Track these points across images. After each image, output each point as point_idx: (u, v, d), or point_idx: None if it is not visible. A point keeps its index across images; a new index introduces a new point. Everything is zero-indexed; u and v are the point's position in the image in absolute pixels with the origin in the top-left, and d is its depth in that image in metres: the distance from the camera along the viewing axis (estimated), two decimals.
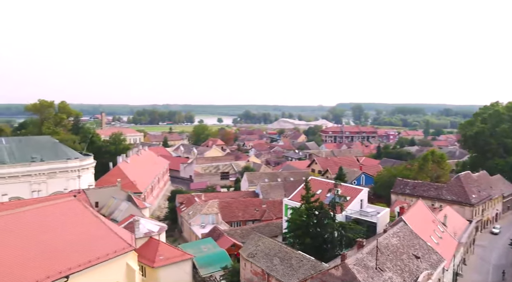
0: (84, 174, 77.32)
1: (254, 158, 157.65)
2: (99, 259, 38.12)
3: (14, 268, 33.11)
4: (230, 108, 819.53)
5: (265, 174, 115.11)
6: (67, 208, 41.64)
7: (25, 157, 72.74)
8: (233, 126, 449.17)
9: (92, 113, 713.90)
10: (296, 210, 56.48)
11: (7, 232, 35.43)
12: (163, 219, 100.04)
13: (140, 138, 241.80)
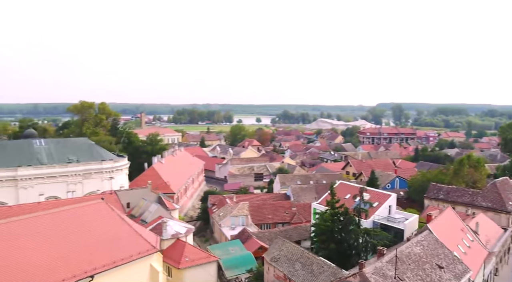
0: (118, 175, 79.86)
1: (289, 159, 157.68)
2: (123, 260, 39.63)
3: (42, 267, 34.99)
4: (269, 108, 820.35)
5: (297, 176, 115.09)
6: (94, 210, 43.42)
7: (62, 158, 75.93)
8: (271, 126, 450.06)
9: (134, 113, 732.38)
10: (321, 215, 56.52)
11: (35, 233, 37.40)
12: (196, 219, 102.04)
13: (178, 138, 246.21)
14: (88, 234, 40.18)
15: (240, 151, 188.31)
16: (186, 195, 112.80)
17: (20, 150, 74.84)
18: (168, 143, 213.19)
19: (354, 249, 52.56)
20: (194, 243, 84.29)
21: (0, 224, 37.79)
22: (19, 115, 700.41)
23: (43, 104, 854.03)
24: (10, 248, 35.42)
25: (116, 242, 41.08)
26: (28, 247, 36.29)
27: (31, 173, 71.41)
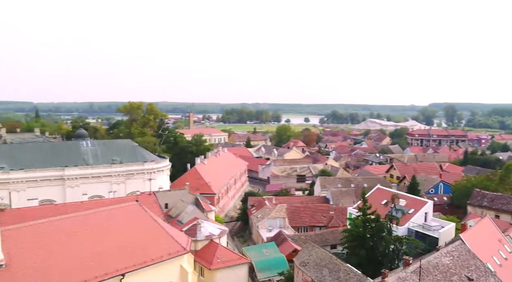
0: (159, 176, 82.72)
1: (332, 161, 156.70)
2: (153, 260, 41.52)
3: (76, 264, 37.36)
4: (318, 107, 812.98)
5: (338, 178, 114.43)
6: (128, 211, 45.69)
7: (107, 159, 79.62)
8: (319, 126, 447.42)
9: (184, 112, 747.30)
10: (353, 221, 56.46)
11: (72, 233, 39.95)
12: (235, 220, 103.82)
13: (224, 138, 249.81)
14: (121, 235, 42.36)
15: (284, 152, 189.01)
16: (227, 196, 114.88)
17: (69, 151, 79.21)
18: (214, 143, 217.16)
19: (384, 256, 52.16)
20: (233, 243, 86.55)
21: (43, 223, 40.73)
22: (75, 113, 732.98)
23: (98, 103, 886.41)
24: (49, 244, 38.08)
25: (147, 242, 43.01)
26: (65, 245, 38.84)
27: (77, 172, 75.51)
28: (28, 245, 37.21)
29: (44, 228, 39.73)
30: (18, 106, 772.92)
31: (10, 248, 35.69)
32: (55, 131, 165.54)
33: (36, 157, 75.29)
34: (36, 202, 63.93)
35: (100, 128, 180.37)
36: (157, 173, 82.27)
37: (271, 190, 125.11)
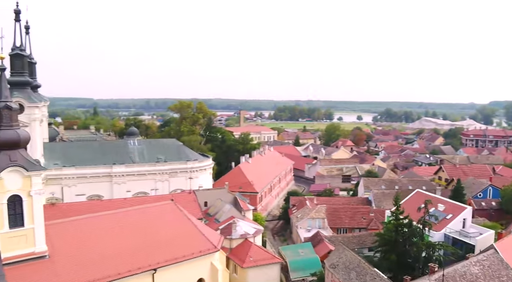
0: (201, 174, 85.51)
1: (379, 161, 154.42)
2: (184, 257, 43.93)
3: (112, 257, 40.38)
4: (372, 105, 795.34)
5: (383, 180, 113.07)
6: (164, 210, 48.33)
7: (152, 157, 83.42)
8: (371, 125, 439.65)
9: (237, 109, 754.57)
10: (386, 225, 56.45)
11: (110, 229, 43.01)
12: (277, 218, 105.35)
13: (274, 136, 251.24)
14: (155, 232, 45.00)
15: (332, 151, 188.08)
16: (270, 194, 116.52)
17: (117, 149, 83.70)
18: (262, 141, 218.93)
19: (416, 262, 51.89)
20: (273, 242, 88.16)
21: (84, 219, 44.17)
22: (132, 109, 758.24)
23: (154, 100, 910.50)
24: (89, 239, 41.30)
25: (180, 240, 45.43)
26: (103, 239, 41.95)
27: (123, 170, 79.73)
28: (70, 239, 40.53)
29: (85, 223, 43.04)
30: (79, 102, 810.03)
31: (54, 241, 39.03)
32: (109, 128, 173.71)
33: (87, 155, 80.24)
34: (84, 197, 68.39)
35: (152, 125, 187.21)
36: (200, 171, 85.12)
37: (315, 189, 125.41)
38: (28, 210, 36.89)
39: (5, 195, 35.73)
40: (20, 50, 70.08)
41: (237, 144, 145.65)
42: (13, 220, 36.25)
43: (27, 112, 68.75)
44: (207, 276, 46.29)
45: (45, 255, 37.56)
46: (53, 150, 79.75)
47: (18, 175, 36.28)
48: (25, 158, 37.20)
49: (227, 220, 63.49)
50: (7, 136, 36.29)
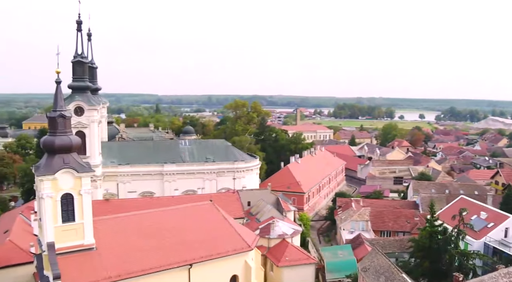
0: (248, 175, 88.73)
1: (434, 163, 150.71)
2: (219, 254, 47.02)
3: (152, 252, 44.11)
4: (437, 102, 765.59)
5: (433, 183, 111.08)
6: (202, 210, 51.74)
7: (201, 157, 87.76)
8: (434, 124, 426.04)
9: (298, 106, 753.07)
10: (421, 231, 56.86)
11: (151, 226, 46.93)
12: (323, 219, 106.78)
13: (329, 135, 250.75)
14: (193, 230, 48.49)
15: (387, 152, 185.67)
16: (319, 194, 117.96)
17: (169, 149, 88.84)
18: (316, 140, 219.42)
19: (448, 270, 52.04)
20: (316, 241, 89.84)
21: (129, 216, 48.57)
22: (194, 106, 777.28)
23: (216, 96, 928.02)
24: (132, 234, 45.37)
25: (215, 238, 48.61)
26: (145, 235, 45.82)
27: (174, 169, 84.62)
28: (115, 234, 44.79)
29: (129, 220, 47.34)
30: (144, 99, 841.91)
31: (101, 235, 43.36)
32: (167, 126, 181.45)
33: (141, 153, 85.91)
34: (135, 194, 73.61)
35: (208, 124, 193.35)
36: (246, 171, 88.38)
37: (365, 191, 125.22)
38: (78, 206, 41.38)
39: (58, 193, 40.34)
40: (81, 57, 76.48)
41: (290, 143, 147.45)
42: (65, 215, 40.81)
43: (86, 115, 75.05)
44: (240, 273, 49.16)
45: (92, 247, 41.88)
46: (111, 149, 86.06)
47: (70, 176, 40.80)
48: (77, 160, 41.69)
49: (267, 220, 66.13)
50: (61, 142, 40.93)
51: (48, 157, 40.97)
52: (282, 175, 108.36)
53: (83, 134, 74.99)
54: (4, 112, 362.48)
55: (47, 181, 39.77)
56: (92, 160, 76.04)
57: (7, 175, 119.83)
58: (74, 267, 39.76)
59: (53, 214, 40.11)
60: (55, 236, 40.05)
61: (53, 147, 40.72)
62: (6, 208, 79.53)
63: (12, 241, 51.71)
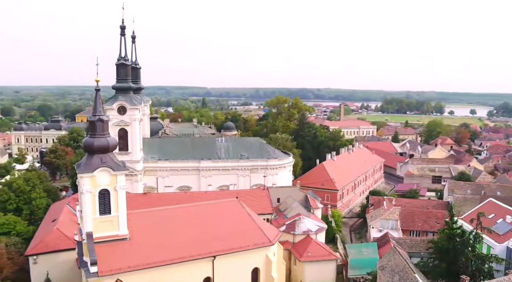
0: (280, 172, 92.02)
1: (476, 162, 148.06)
2: (241, 248, 50.91)
3: (180, 244, 48.54)
4: (491, 97, 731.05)
5: (469, 184, 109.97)
6: (228, 206, 55.76)
7: (236, 154, 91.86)
8: (485, 119, 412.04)
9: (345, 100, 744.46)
10: (440, 233, 58.35)
11: (181, 220, 51.48)
12: (356, 216, 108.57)
13: (373, 131, 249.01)
14: (218, 225, 52.59)
15: (429, 149, 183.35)
16: (354, 192, 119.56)
17: (206, 146, 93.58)
18: (357, 136, 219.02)
19: (464, 273, 53.30)
20: (347, 238, 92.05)
21: (160, 210, 53.41)
22: (242, 98, 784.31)
23: (263, 89, 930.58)
24: (162, 227, 49.99)
25: (239, 233, 52.47)
26: (174, 228, 50.43)
27: (210, 165, 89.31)
28: (147, 226, 49.47)
29: (160, 214, 52.16)
30: (193, 91, 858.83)
31: (134, 227, 48.15)
32: (210, 121, 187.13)
33: (179, 150, 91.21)
34: (172, 188, 78.78)
35: (250, 119, 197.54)
36: (279, 169, 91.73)
37: (400, 189, 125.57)
38: (114, 201, 46.28)
39: (96, 188, 45.36)
40: (124, 60, 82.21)
41: (328, 140, 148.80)
42: (102, 208, 45.83)
43: (129, 114, 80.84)
44: (261, 266, 52.85)
45: (126, 238, 46.74)
46: (152, 145, 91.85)
47: (107, 173, 45.71)
48: (113, 160, 46.57)
49: (293, 216, 69.18)
50: (100, 143, 45.94)
51: (88, 156, 46.06)
52: (317, 172, 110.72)
53: (125, 132, 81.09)
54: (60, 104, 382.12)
55: (87, 178, 44.88)
56: (134, 155, 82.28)
57: (60, 166, 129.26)
58: (109, 255, 44.72)
59: (92, 207, 45.22)
60: (93, 226, 45.18)
61: (92, 148, 45.77)
62: (57, 198, 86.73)
63: (59, 229, 57.80)
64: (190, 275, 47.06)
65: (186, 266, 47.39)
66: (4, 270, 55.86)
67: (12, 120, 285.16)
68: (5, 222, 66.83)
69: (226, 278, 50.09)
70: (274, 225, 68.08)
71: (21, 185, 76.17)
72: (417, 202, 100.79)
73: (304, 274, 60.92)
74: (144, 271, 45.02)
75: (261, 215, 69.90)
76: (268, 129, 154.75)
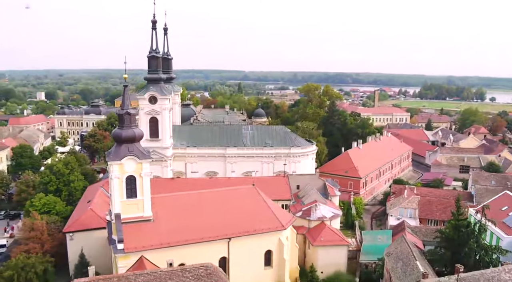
0: (303, 159, 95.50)
1: (507, 152, 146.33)
2: (255, 231, 55.38)
3: (199, 226, 53.40)
4: None
5: (494, 175, 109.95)
6: (244, 193, 60.16)
7: (261, 142, 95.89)
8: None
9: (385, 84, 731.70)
10: (447, 223, 60.94)
11: (201, 204, 56.34)
12: (378, 203, 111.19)
13: (406, 118, 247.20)
14: (235, 209, 57.12)
15: (461, 138, 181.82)
16: (378, 180, 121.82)
17: (232, 133, 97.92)
18: (390, 124, 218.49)
19: (467, 262, 55.70)
20: (367, 225, 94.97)
21: (183, 194, 58.31)
22: (280, 82, 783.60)
23: (301, 73, 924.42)
24: (184, 210, 54.95)
25: (254, 217, 56.85)
26: (194, 212, 55.29)
27: (235, 152, 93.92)
28: (169, 209, 54.56)
29: (182, 198, 57.12)
30: (231, 75, 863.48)
31: (157, 209, 53.29)
32: (242, 107, 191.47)
33: (207, 137, 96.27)
34: (200, 174, 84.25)
35: (283, 105, 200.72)
36: (301, 156, 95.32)
37: (426, 178, 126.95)
38: (139, 186, 51.46)
39: (124, 175, 50.60)
40: (155, 53, 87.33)
41: (357, 127, 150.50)
42: (129, 193, 51.12)
43: (159, 103, 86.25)
44: (274, 249, 57.22)
45: (150, 219, 51.97)
46: (181, 132, 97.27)
47: (133, 161, 50.82)
48: (139, 149, 51.62)
49: (310, 203, 72.88)
50: (127, 134, 51.02)
51: (116, 146, 51.32)
52: (341, 160, 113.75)
53: (156, 120, 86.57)
54: (101, 88, 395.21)
55: (116, 165, 50.16)
56: (164, 142, 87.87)
57: (98, 150, 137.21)
58: (134, 234, 50.06)
59: (120, 191, 50.62)
60: (121, 208, 50.58)
61: (120, 138, 50.95)
62: (94, 180, 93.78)
63: (93, 210, 64.01)
64: (207, 255, 51.31)
65: (203, 246, 52.23)
66: (45, 245, 62.61)
67: (56, 104, 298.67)
68: (46, 202, 74.10)
69: (241, 258, 54.78)
70: (292, 210, 72.39)
71: (61, 168, 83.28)
72: (440, 192, 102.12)
73: (317, 257, 65.03)
74: (165, 249, 50.06)
75: (280, 201, 74.37)
76: (299, 116, 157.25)
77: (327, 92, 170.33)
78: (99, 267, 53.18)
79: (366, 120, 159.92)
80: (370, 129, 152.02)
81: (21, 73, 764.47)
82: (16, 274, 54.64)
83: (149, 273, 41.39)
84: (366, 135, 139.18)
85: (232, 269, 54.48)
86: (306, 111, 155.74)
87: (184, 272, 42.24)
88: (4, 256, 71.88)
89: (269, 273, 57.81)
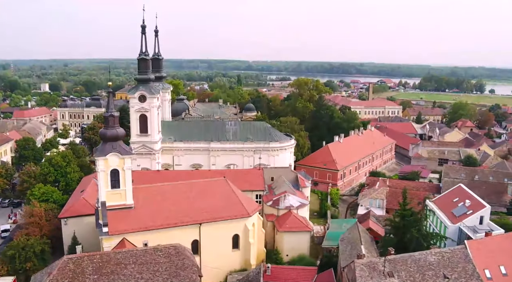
0: (282, 153, 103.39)
1: (486, 146, 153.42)
2: (222, 218, 63.51)
3: (174, 213, 61.53)
4: None
5: (464, 168, 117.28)
6: (215, 184, 68.21)
7: (243, 137, 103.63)
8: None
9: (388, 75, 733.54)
10: (395, 213, 69.06)
11: (175, 194, 64.52)
12: (355, 194, 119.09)
13: (398, 111, 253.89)
14: (206, 199, 65.19)
15: (447, 131, 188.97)
16: (357, 172, 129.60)
17: (216, 128, 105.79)
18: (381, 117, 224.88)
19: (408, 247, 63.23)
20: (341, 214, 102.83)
21: (161, 186, 66.58)
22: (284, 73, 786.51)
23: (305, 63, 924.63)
24: (161, 199, 63.14)
25: (223, 206, 64.81)
26: (170, 200, 63.26)
27: (218, 146, 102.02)
28: (149, 198, 62.74)
29: (160, 189, 65.39)
30: (235, 65, 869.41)
31: (138, 198, 61.64)
32: (236, 101, 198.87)
33: (193, 131, 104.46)
34: (184, 166, 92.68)
35: (275, 99, 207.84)
36: (280, 150, 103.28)
37: (404, 171, 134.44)
38: (122, 178, 59.71)
39: (109, 168, 58.91)
40: (144, 55, 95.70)
41: (343, 121, 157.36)
42: (113, 184, 59.46)
43: (148, 101, 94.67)
44: (241, 233, 65.45)
45: (131, 207, 60.28)
46: (170, 127, 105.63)
47: (116, 157, 59.04)
48: (122, 146, 59.89)
49: (280, 193, 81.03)
50: (111, 133, 59.32)
51: (102, 143, 59.72)
52: (321, 153, 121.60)
53: (145, 117, 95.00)
54: (104, 79, 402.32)
55: (101, 160, 58.51)
56: (152, 137, 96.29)
57: (97, 142, 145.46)
58: (118, 219, 58.37)
59: (105, 182, 59.00)
60: (106, 197, 58.96)
61: (106, 137, 59.39)
62: (90, 171, 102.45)
63: (85, 198, 72.66)
64: (181, 238, 58.94)
65: (177, 230, 60.54)
66: (43, 229, 71.42)
67: (60, 95, 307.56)
68: (45, 191, 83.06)
69: (211, 241, 62.97)
70: (264, 200, 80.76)
71: (59, 161, 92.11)
72: (412, 184, 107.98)
73: (282, 242, 73.38)
74: (143, 232, 58.64)
75: (255, 191, 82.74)
76: (289, 110, 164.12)
77: (316, 87, 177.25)
78: (89, 247, 61.95)
79: (353, 114, 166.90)
80: (356, 124, 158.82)
81: (27, 63, 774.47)
82: (17, 254, 63.38)
83: (126, 251, 49.94)
84: (352, 129, 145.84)
85: (203, 250, 62.74)
86: (295, 104, 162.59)
87: (156, 251, 50.65)
88: (8, 239, 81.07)
89: (236, 254, 66.18)
